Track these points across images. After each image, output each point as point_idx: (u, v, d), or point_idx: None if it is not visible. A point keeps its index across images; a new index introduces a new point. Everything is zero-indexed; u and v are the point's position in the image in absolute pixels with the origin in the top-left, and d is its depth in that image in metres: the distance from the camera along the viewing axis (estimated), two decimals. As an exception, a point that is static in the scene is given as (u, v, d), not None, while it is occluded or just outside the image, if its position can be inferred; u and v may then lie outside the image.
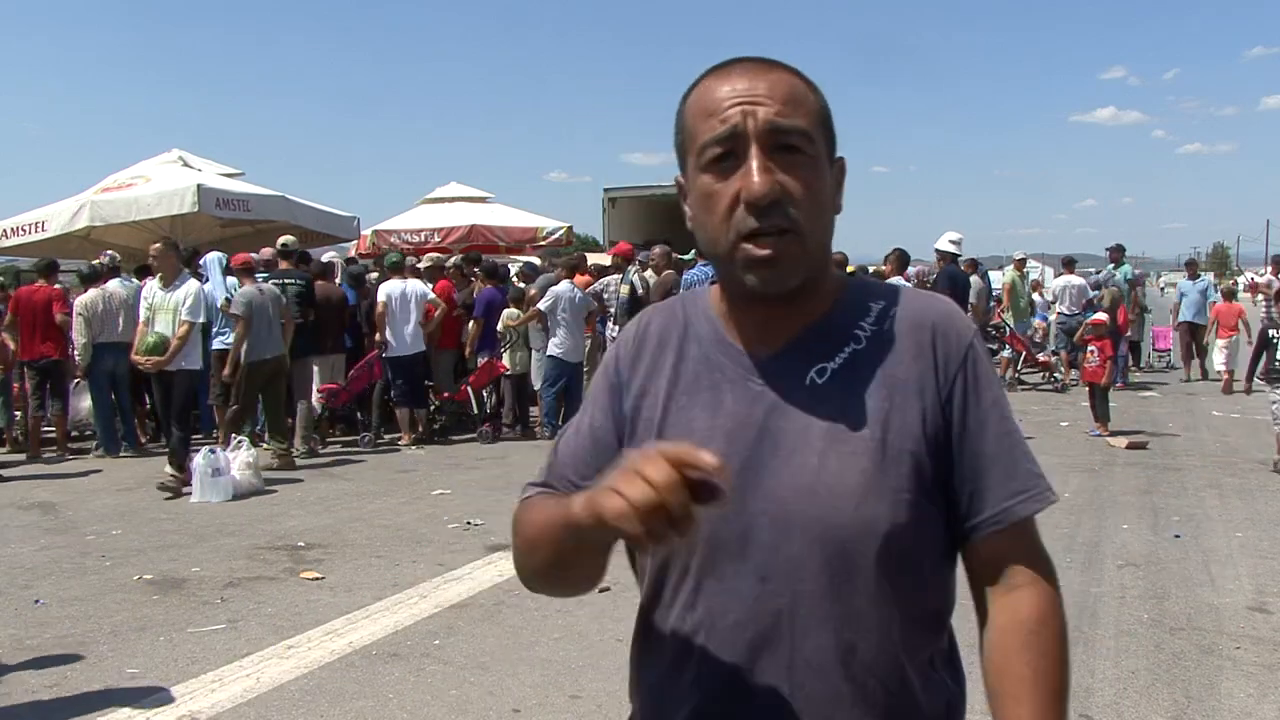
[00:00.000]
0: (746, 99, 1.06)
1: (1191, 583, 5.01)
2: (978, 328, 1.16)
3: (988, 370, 1.14)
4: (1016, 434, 1.14)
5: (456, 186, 15.91)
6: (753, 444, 1.09)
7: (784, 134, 1.06)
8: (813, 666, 1.06)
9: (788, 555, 1.06)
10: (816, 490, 1.06)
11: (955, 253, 10.31)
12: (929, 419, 1.09)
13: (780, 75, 1.10)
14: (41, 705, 3.68)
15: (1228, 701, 3.63)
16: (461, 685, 3.82)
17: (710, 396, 1.13)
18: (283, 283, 8.91)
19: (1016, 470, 1.11)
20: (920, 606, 1.11)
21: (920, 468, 1.08)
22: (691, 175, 1.11)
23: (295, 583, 5.20)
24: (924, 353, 1.11)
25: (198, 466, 7.23)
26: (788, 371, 1.12)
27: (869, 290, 1.18)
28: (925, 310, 1.15)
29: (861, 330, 1.13)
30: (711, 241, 1.09)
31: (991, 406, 1.12)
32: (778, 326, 1.13)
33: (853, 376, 1.10)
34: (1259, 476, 7.66)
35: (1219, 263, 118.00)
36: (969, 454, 1.11)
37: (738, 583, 1.08)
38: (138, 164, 12.21)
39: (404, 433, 9.64)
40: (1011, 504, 1.10)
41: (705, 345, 1.17)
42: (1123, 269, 14.28)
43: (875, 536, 1.05)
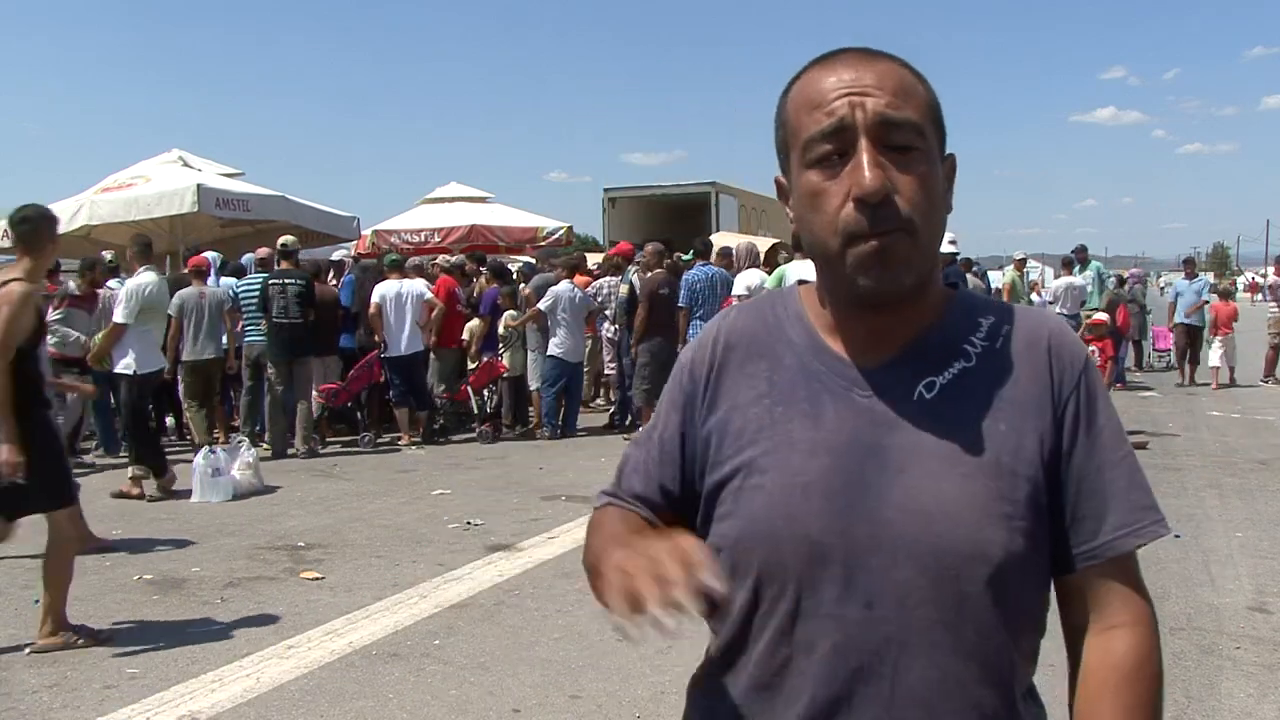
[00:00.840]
0: (854, 90, 1.00)
1: (1191, 583, 5.01)
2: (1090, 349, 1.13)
3: (1102, 393, 1.08)
4: (1128, 462, 1.07)
5: (456, 186, 15.92)
6: (859, 460, 1.03)
7: (895, 127, 1.00)
8: (915, 698, 1.00)
9: (896, 580, 1.00)
10: (930, 513, 1.00)
11: (954, 253, 10.32)
12: (1045, 442, 1.04)
13: (889, 65, 1.04)
14: (41, 705, 3.68)
15: (1228, 701, 3.63)
16: (461, 685, 3.82)
17: (809, 408, 1.07)
18: (283, 283, 8.92)
19: (1123, 501, 1.05)
20: (1025, 637, 1.06)
21: (1036, 493, 1.02)
22: (795, 172, 1.05)
23: (295, 583, 5.20)
24: (1039, 373, 1.05)
25: (198, 466, 7.23)
26: (895, 384, 1.06)
27: (977, 304, 1.12)
28: (1039, 328, 1.08)
29: (972, 346, 1.07)
30: (819, 241, 1.03)
31: (1102, 432, 1.06)
32: (884, 336, 1.07)
33: (964, 394, 1.05)
34: (1259, 476, 7.66)
35: (1219, 263, 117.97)
36: (1074, 480, 1.05)
37: (840, 607, 1.02)
38: (138, 164, 12.21)
39: (404, 433, 9.65)
40: (1111, 538, 1.04)
41: (801, 352, 1.10)
42: (1092, 266, 14.30)
43: (989, 564, 0.99)
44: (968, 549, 1.00)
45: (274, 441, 8.96)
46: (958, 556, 1.00)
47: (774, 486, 1.05)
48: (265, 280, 9.02)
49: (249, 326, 9.14)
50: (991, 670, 1.02)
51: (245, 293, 9.15)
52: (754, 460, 1.07)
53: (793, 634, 1.04)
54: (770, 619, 1.05)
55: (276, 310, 8.85)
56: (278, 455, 8.85)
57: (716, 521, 1.10)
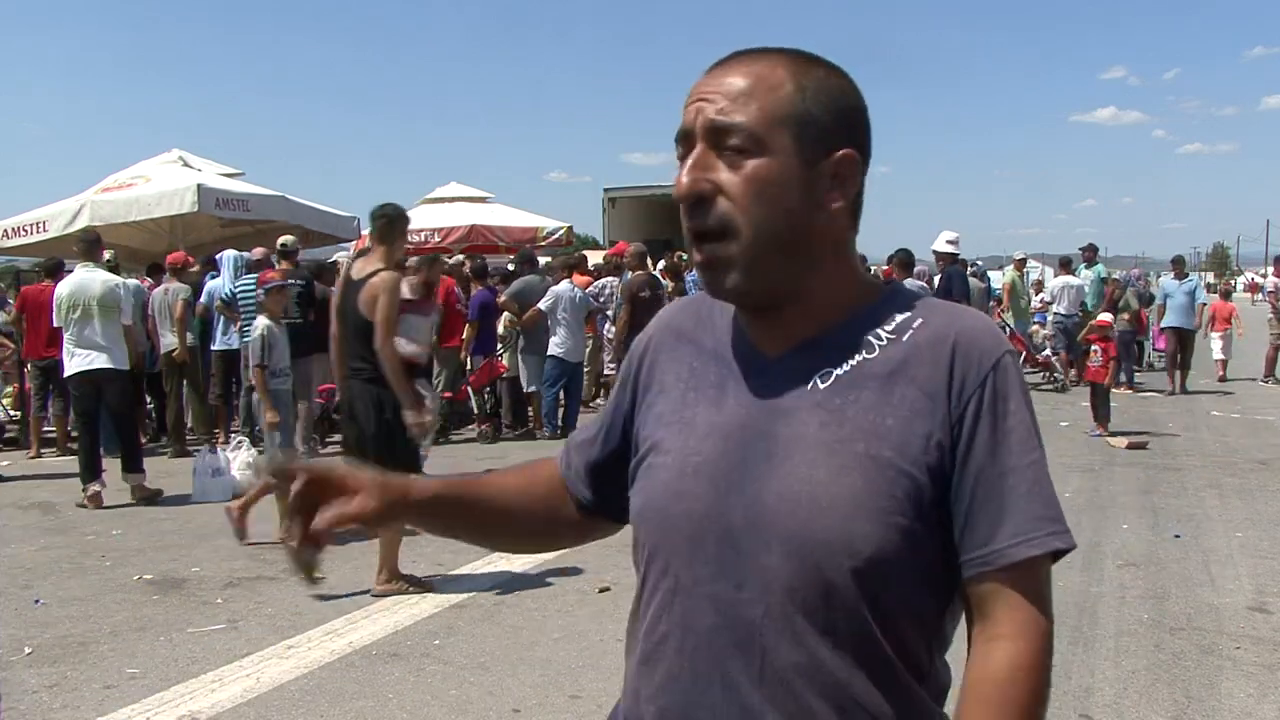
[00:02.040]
0: (700, 96, 1.05)
1: (1191, 583, 5.01)
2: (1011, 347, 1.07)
3: (1013, 394, 1.04)
4: (1034, 470, 1.02)
5: (456, 186, 15.92)
6: (747, 445, 1.06)
7: (724, 133, 1.02)
8: (781, 680, 1.01)
9: (764, 564, 1.01)
10: (800, 501, 1.01)
11: (954, 253, 10.32)
12: (935, 440, 1.02)
13: (752, 68, 1.04)
14: (41, 705, 3.68)
15: (1228, 701, 3.63)
16: (461, 685, 3.82)
17: (716, 393, 1.11)
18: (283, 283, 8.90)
19: (1021, 509, 1.01)
20: (907, 633, 1.03)
21: (917, 491, 1.01)
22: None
23: (295, 583, 5.19)
24: (939, 370, 1.03)
25: (198, 467, 7.23)
26: (794, 374, 1.07)
27: (898, 299, 1.11)
28: (949, 325, 1.06)
29: (876, 339, 1.07)
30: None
31: (1008, 435, 1.02)
32: (789, 328, 1.09)
33: (857, 386, 1.04)
34: (1259, 476, 7.66)
35: (1219, 263, 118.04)
36: (969, 482, 1.02)
37: (714, 586, 1.04)
38: (138, 164, 12.21)
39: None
40: (1004, 545, 1.00)
41: (720, 340, 1.14)
42: (1096, 268, 14.27)
43: (856, 557, 0.99)
44: (834, 540, 1.00)
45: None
46: (823, 546, 1.00)
47: (670, 465, 1.10)
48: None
49: (248, 326, 9.13)
50: (866, 661, 1.01)
51: (244, 293, 9.15)
52: (661, 440, 1.12)
53: (672, 609, 1.07)
54: (655, 594, 1.10)
55: (276, 310, 8.83)
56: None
57: (632, 497, 1.16)
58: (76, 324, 6.84)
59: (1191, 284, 13.75)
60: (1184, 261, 14.27)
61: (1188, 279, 13.88)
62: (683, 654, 1.06)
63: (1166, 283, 13.80)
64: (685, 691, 1.06)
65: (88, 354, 6.83)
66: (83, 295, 6.82)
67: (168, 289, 9.32)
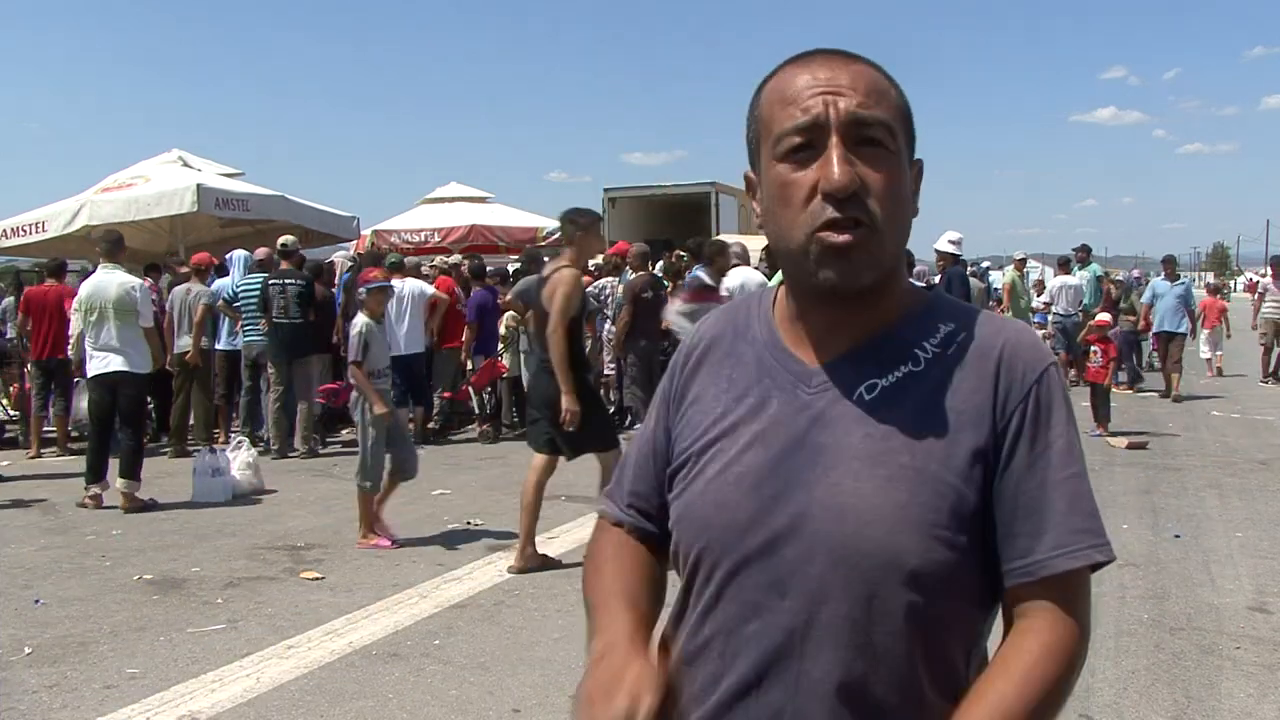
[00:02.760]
0: (828, 88, 1.02)
1: (1191, 583, 5.01)
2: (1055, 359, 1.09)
3: (1056, 407, 1.05)
4: (1074, 482, 1.04)
5: (456, 186, 15.92)
6: (791, 454, 1.05)
7: (866, 126, 1.02)
8: (817, 690, 1.01)
9: (809, 575, 1.02)
10: (846, 513, 1.01)
11: (956, 253, 10.31)
12: (981, 454, 1.03)
13: (863, 67, 1.06)
14: (41, 705, 3.68)
15: (1228, 701, 3.63)
16: (461, 685, 3.82)
17: (757, 402, 1.10)
18: (283, 283, 8.92)
19: (1062, 522, 1.02)
20: (948, 648, 1.04)
21: (962, 504, 1.01)
22: (765, 166, 1.07)
23: (295, 583, 5.20)
24: (984, 383, 1.04)
25: (198, 467, 7.24)
26: (839, 383, 1.07)
27: (943, 309, 1.12)
28: (994, 337, 1.07)
29: (922, 350, 1.07)
30: (785, 234, 1.04)
31: (1050, 448, 1.04)
32: (839, 333, 1.08)
33: (904, 398, 1.05)
34: (1259, 476, 7.66)
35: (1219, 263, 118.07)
36: (1010, 494, 1.03)
37: (758, 594, 1.04)
38: (138, 164, 12.21)
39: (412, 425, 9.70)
40: (1045, 557, 1.02)
41: (759, 349, 1.14)
42: (1090, 268, 14.26)
43: (901, 570, 0.99)
44: (879, 552, 1.00)
45: (276, 441, 8.96)
46: (869, 558, 1.00)
47: (712, 474, 1.10)
48: (265, 280, 9.03)
49: (248, 326, 9.15)
50: (900, 675, 1.01)
51: (245, 292, 9.16)
52: (702, 449, 1.12)
53: (714, 615, 1.08)
54: (699, 600, 1.10)
55: (276, 310, 8.86)
56: (280, 455, 8.85)
57: (671, 503, 1.16)
58: (94, 326, 6.85)
59: (1183, 286, 12.97)
60: (1176, 262, 13.48)
61: (1180, 281, 13.13)
62: (724, 659, 1.06)
63: (1157, 284, 13.18)
64: (721, 699, 1.06)
65: (105, 357, 6.84)
66: (99, 298, 6.83)
67: (190, 289, 9.30)
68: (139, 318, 6.88)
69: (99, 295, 6.83)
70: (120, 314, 6.81)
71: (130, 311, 6.84)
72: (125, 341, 6.84)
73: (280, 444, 8.95)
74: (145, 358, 6.97)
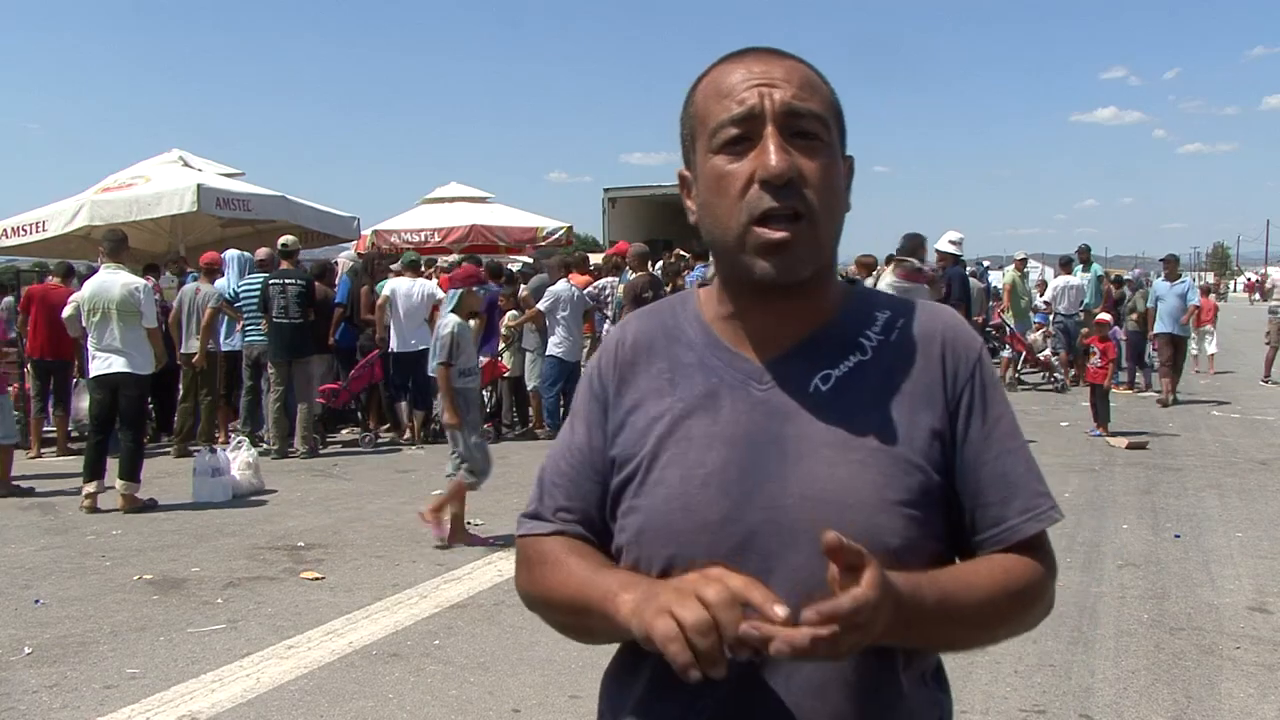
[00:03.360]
0: (763, 81, 1.04)
1: (1191, 583, 5.01)
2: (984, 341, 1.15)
3: (996, 384, 1.12)
4: (1023, 450, 1.11)
5: (456, 186, 15.92)
6: (756, 451, 1.05)
7: (800, 117, 1.03)
8: (813, 684, 1.02)
9: (793, 565, 1.02)
10: (825, 499, 1.02)
11: (956, 253, 10.31)
12: (937, 432, 1.07)
13: (795, 63, 1.08)
14: (41, 705, 3.68)
15: (1228, 701, 3.63)
16: (461, 685, 3.82)
17: (707, 403, 1.09)
18: (283, 283, 8.92)
19: (1023, 488, 1.09)
20: None
21: (929, 481, 1.05)
22: (701, 159, 1.07)
23: (295, 583, 5.20)
24: (931, 365, 1.09)
25: (198, 467, 7.24)
26: (791, 377, 1.08)
27: (874, 300, 1.16)
28: (933, 321, 1.12)
29: (867, 340, 1.10)
30: (720, 226, 1.05)
31: (998, 421, 1.10)
32: (780, 330, 1.09)
33: (859, 385, 1.07)
34: (1259, 476, 7.66)
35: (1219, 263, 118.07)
36: (973, 468, 1.08)
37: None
38: (138, 164, 12.21)
39: (405, 426, 9.70)
40: (1016, 522, 1.08)
41: (698, 350, 1.13)
42: (1092, 268, 14.26)
43: (884, 550, 1.00)
44: (862, 534, 0.99)
45: (276, 441, 8.97)
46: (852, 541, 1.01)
47: (673, 479, 1.07)
48: (265, 280, 9.03)
49: (249, 326, 9.16)
50: (889, 656, 1.04)
51: (245, 292, 9.16)
52: (654, 456, 1.09)
53: None
54: None
55: (276, 310, 8.86)
56: (280, 455, 8.86)
57: (621, 517, 1.11)
58: (97, 327, 6.84)
59: (1184, 286, 12.37)
60: (1177, 261, 12.89)
61: (1180, 280, 12.49)
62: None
63: (1158, 284, 12.66)
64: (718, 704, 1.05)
65: (107, 357, 6.83)
66: (102, 299, 6.82)
67: (200, 290, 9.32)
68: (142, 319, 6.88)
69: (102, 295, 6.82)
70: (124, 315, 6.80)
71: (134, 313, 6.83)
72: (128, 342, 6.83)
73: (280, 444, 8.95)
74: (148, 359, 6.97)
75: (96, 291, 6.86)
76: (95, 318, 6.82)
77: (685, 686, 1.03)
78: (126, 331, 6.83)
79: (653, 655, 1.05)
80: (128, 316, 6.81)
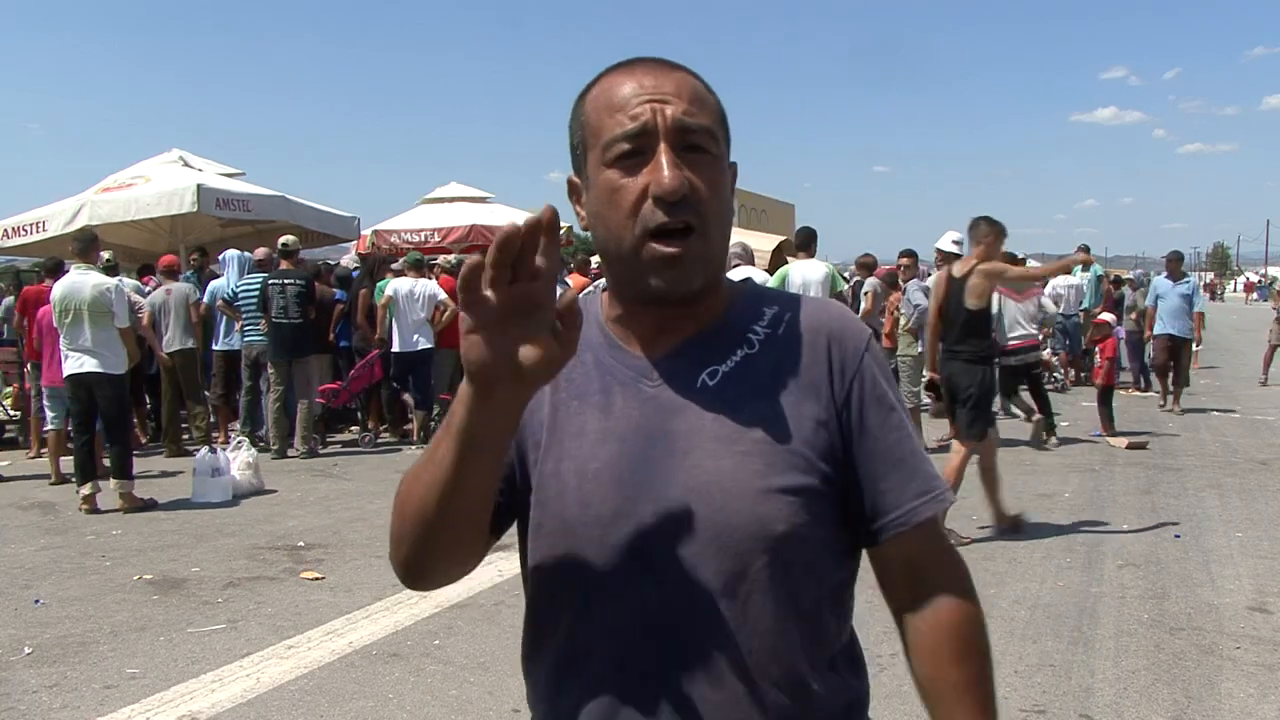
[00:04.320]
0: (655, 96, 1.05)
1: (1191, 583, 5.01)
2: (872, 332, 1.16)
3: (884, 374, 1.14)
4: (912, 437, 1.13)
5: (456, 186, 15.91)
6: (645, 446, 1.07)
7: (691, 133, 1.05)
8: (711, 672, 1.04)
9: (682, 557, 1.04)
10: (710, 491, 1.04)
11: (958, 254, 10.29)
12: (823, 422, 1.08)
13: (684, 75, 1.09)
14: (41, 705, 3.68)
15: (1228, 701, 3.63)
16: (461, 685, 3.82)
17: (602, 400, 1.12)
18: (282, 283, 8.93)
19: (916, 472, 1.11)
20: (818, 609, 1.09)
21: (814, 470, 1.07)
22: (594, 170, 1.09)
23: (295, 583, 5.20)
24: (818, 357, 1.10)
25: (197, 467, 7.24)
26: (679, 374, 1.10)
27: (763, 296, 1.18)
28: (818, 314, 1.14)
29: (754, 334, 1.12)
30: (614, 238, 1.07)
31: (889, 410, 1.12)
32: (670, 330, 1.12)
33: (745, 379, 1.09)
34: (1259, 476, 7.66)
35: (1219, 263, 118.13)
36: (867, 456, 1.10)
37: (632, 588, 1.06)
38: (138, 164, 12.20)
39: (412, 424, 9.72)
40: (915, 504, 1.10)
41: (595, 350, 1.15)
42: (1091, 268, 14.23)
43: (769, 538, 1.04)
44: (747, 524, 1.04)
45: (276, 441, 8.97)
46: (738, 530, 1.04)
47: (567, 474, 1.10)
48: (265, 280, 9.03)
49: (248, 326, 9.16)
50: (786, 643, 1.06)
51: (244, 292, 9.17)
52: (550, 452, 1.12)
53: (590, 614, 1.09)
54: (566, 606, 1.11)
55: (276, 310, 8.86)
56: (280, 455, 8.86)
57: (530, 511, 1.14)
58: (69, 327, 6.80)
59: (1188, 286, 11.57)
60: (1181, 259, 12.08)
61: (1185, 280, 11.67)
62: (608, 658, 1.07)
63: (1159, 282, 11.78)
64: (614, 694, 1.07)
65: (79, 357, 6.80)
66: (74, 299, 6.78)
67: (170, 290, 9.34)
68: (114, 318, 6.87)
69: (73, 296, 6.80)
70: (95, 315, 6.78)
71: (105, 313, 6.81)
72: (100, 343, 6.81)
73: (280, 444, 8.96)
74: (120, 358, 6.93)
75: (68, 292, 6.83)
76: (67, 319, 6.80)
77: (586, 673, 1.09)
78: (98, 332, 6.80)
79: (553, 639, 1.13)
80: (99, 317, 6.79)
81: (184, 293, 9.37)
